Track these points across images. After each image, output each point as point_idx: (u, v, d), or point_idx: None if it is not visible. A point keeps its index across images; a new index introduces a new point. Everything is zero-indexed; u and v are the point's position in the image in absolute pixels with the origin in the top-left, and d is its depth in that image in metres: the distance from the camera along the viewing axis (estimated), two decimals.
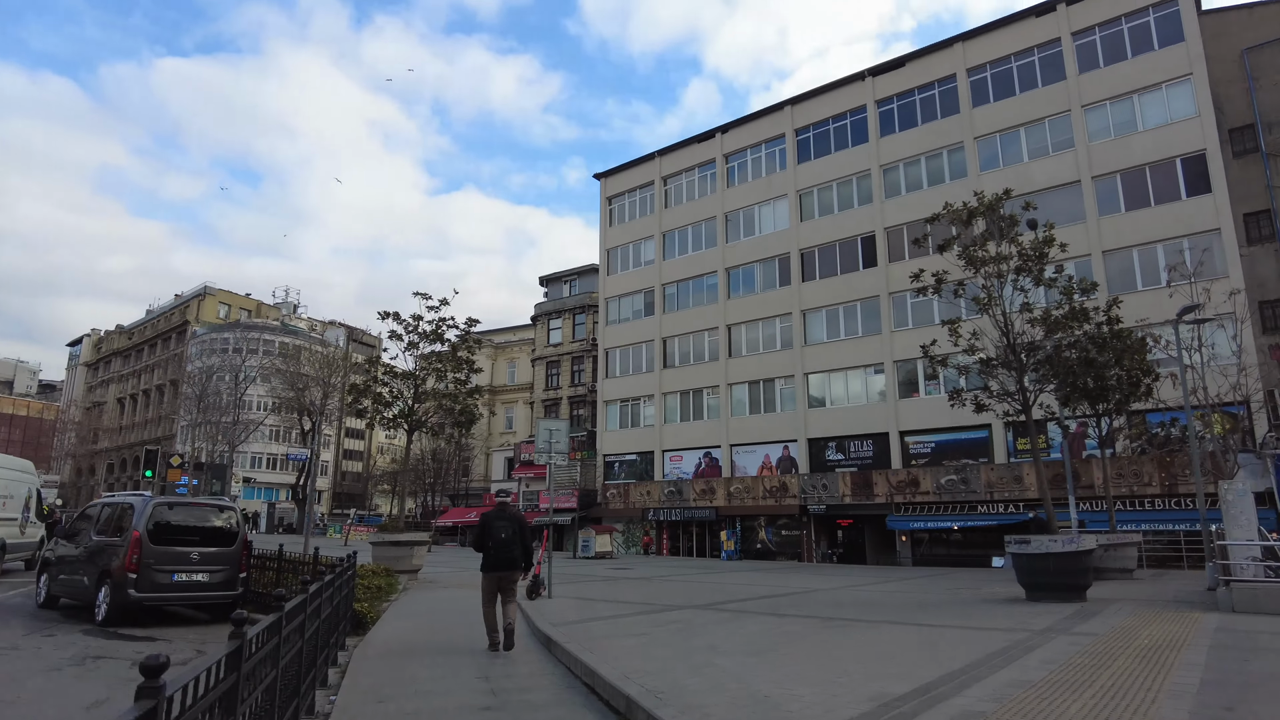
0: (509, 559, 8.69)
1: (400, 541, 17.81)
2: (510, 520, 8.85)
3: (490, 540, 8.72)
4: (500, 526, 8.73)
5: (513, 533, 8.77)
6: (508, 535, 8.72)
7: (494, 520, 8.81)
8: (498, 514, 8.90)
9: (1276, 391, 27.72)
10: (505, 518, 8.85)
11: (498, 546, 8.68)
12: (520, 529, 8.90)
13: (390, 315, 18.76)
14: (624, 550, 40.91)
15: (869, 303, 36.15)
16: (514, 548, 8.73)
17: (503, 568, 8.70)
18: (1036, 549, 12.41)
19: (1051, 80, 33.11)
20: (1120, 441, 28.39)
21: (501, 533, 8.70)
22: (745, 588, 16.41)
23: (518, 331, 66.31)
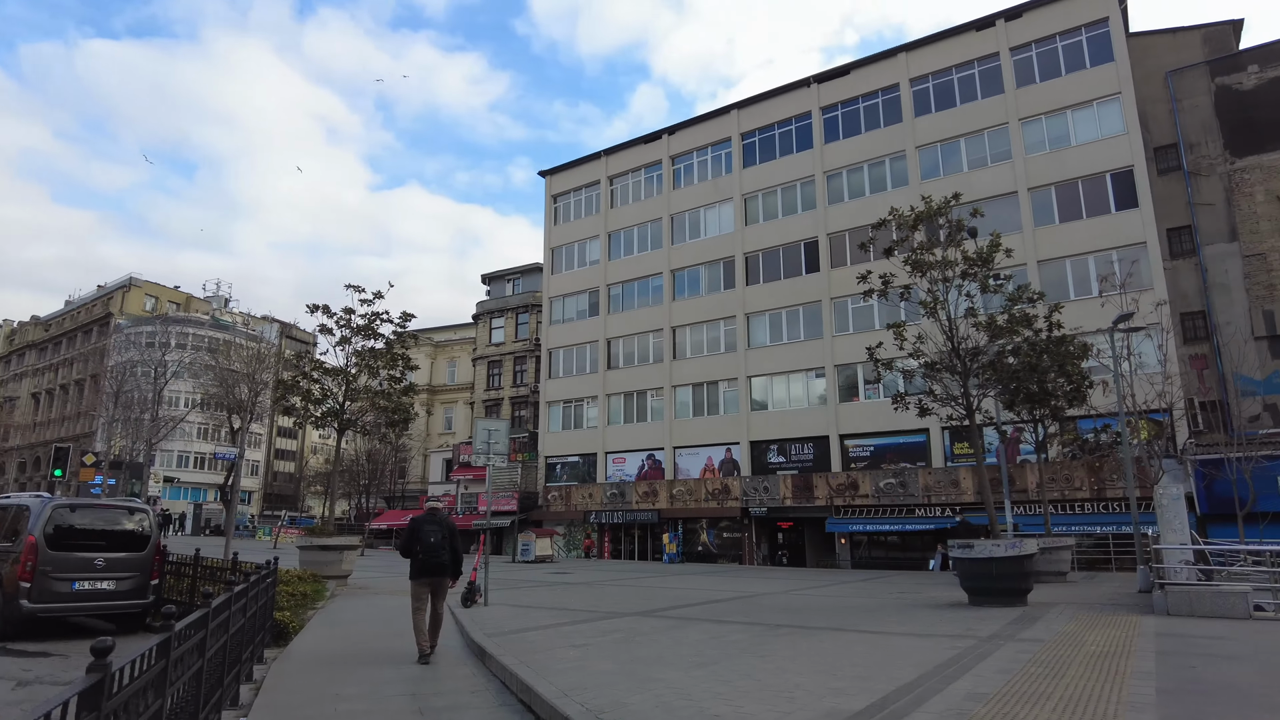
0: (438, 564, 8.53)
1: (329, 546, 16.98)
2: (440, 525, 8.70)
3: (419, 545, 8.53)
4: (430, 531, 8.58)
5: (442, 538, 8.61)
6: (437, 540, 8.55)
7: (423, 525, 8.66)
8: (428, 518, 8.76)
9: (1196, 400, 28.86)
10: (435, 522, 8.71)
11: (426, 551, 8.50)
12: (450, 534, 8.75)
13: (320, 308, 17.91)
14: (565, 554, 40.34)
15: (811, 307, 36.41)
16: (443, 553, 8.57)
17: (432, 573, 8.53)
18: (980, 553, 12.42)
19: (991, 93, 33.88)
20: (1054, 447, 29.14)
21: (431, 537, 8.54)
22: (688, 592, 16.12)
23: (459, 330, 65.03)
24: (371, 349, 18.12)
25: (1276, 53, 29.65)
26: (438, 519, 8.82)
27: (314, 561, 16.93)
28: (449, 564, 8.67)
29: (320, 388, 17.77)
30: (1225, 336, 28.27)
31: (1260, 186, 29.03)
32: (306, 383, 17.75)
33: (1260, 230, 28.71)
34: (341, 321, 18.24)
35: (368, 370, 18.03)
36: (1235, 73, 30.18)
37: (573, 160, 47.04)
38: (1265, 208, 28.82)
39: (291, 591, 12.62)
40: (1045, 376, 13.67)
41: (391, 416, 17.97)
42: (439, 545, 8.57)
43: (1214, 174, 29.71)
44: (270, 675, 7.77)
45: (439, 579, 8.62)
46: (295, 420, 18.11)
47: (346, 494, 57.35)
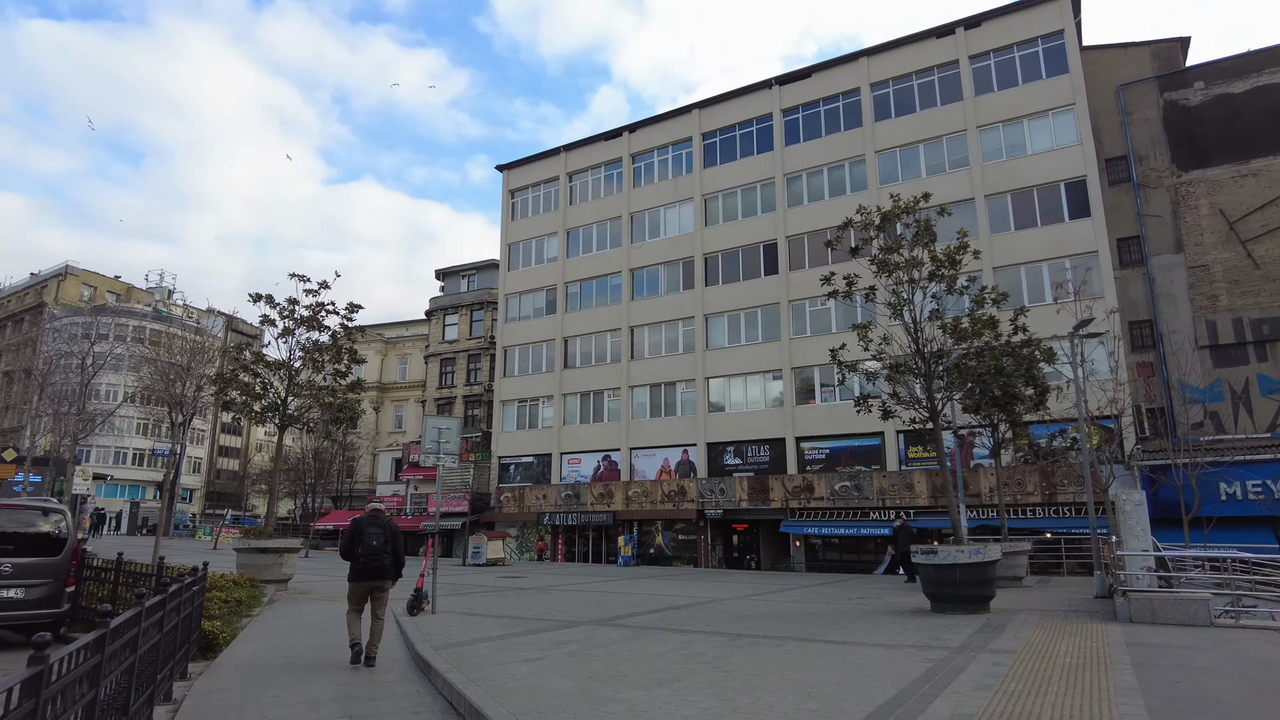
0: (379, 567, 8.41)
1: (268, 549, 16.09)
2: (383, 527, 8.57)
3: (360, 547, 8.40)
4: (372, 533, 8.45)
5: (385, 540, 8.48)
6: (379, 543, 8.42)
7: (365, 526, 8.51)
8: (370, 520, 8.61)
9: (1143, 407, 29.44)
10: (377, 524, 8.57)
11: (368, 554, 8.36)
12: (393, 537, 8.63)
13: (262, 298, 16.97)
14: (517, 556, 39.57)
15: (769, 309, 36.30)
16: (385, 556, 8.43)
17: (372, 576, 8.42)
18: (944, 559, 12.20)
19: (950, 100, 34.18)
20: (1007, 452, 29.44)
21: (373, 539, 8.41)
22: (645, 598, 15.65)
23: (411, 327, 63.66)
24: (316, 342, 17.27)
25: (1221, 70, 30.45)
26: (380, 521, 8.63)
27: (251, 565, 16.06)
28: (390, 567, 8.52)
29: (261, 382, 16.83)
30: (1171, 345, 28.90)
31: (1205, 200, 29.76)
32: (247, 376, 16.79)
33: (1204, 243, 29.43)
34: (285, 312, 17.34)
35: (312, 364, 17.16)
36: (1182, 88, 30.90)
37: (532, 155, 46.29)
38: (1209, 221, 29.55)
39: (225, 598, 11.83)
40: (1010, 381, 13.55)
41: (336, 413, 17.12)
42: (381, 548, 8.40)
43: (1161, 186, 30.38)
44: (193, 694, 7.09)
45: (379, 581, 8.47)
46: (234, 415, 17.15)
47: (292, 493, 55.61)
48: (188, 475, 76.05)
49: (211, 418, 76.81)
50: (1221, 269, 29.12)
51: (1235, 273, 28.88)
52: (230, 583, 13.55)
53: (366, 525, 8.53)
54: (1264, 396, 27.82)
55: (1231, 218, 29.17)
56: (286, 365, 16.81)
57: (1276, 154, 28.93)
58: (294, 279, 17.14)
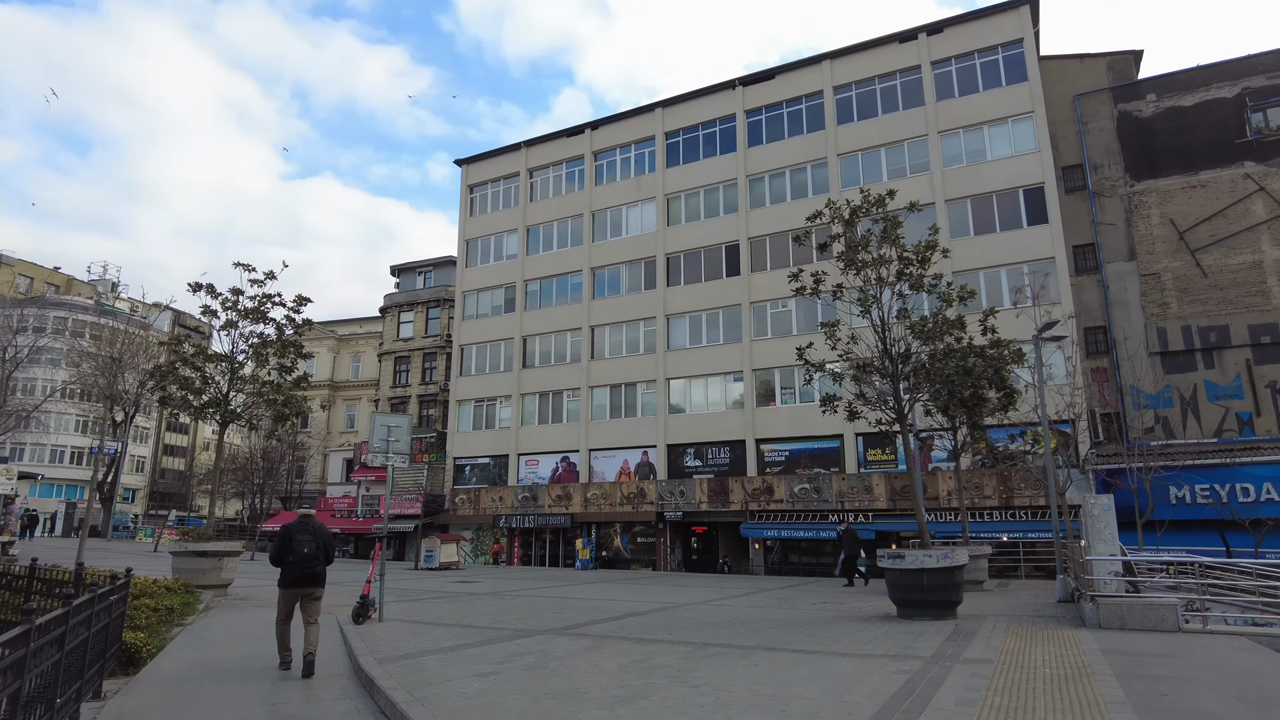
0: (310, 574, 8.27)
1: (206, 552, 15.18)
2: (313, 534, 8.41)
3: (290, 554, 8.25)
4: (303, 540, 8.30)
5: (316, 547, 8.35)
6: (310, 549, 8.28)
7: (295, 533, 8.36)
8: (300, 526, 8.46)
9: (1097, 412, 29.87)
10: (308, 530, 8.41)
11: (299, 561, 8.22)
12: (324, 544, 8.49)
13: (203, 288, 16.00)
14: (472, 560, 38.69)
15: (731, 311, 36.07)
16: (316, 563, 8.31)
17: (303, 584, 8.25)
18: (911, 564, 11.92)
19: (912, 105, 34.34)
20: (967, 455, 29.62)
21: (304, 546, 8.27)
22: (604, 604, 15.13)
23: (365, 324, 62.16)
24: (261, 335, 16.38)
25: (1172, 84, 31.09)
26: (310, 527, 8.48)
27: (188, 569, 15.14)
28: (322, 574, 8.41)
29: (201, 375, 15.87)
30: (1124, 351, 29.37)
31: (1156, 210, 30.33)
32: (187, 370, 15.80)
33: (1155, 251, 29.98)
34: (228, 303, 16.41)
35: (256, 358, 16.26)
36: (1135, 100, 31.48)
37: (492, 150, 45.43)
38: (1160, 230, 30.12)
39: (154, 606, 11.00)
40: (978, 382, 13.37)
41: (281, 410, 16.25)
42: (312, 555, 8.27)
43: (1115, 195, 30.90)
44: (104, 716, 6.38)
45: (310, 589, 8.30)
46: (171, 411, 16.17)
47: (240, 493, 53.78)
48: (130, 475, 73.23)
49: (156, 416, 74.16)
50: (1172, 277, 29.69)
51: (1184, 281, 29.47)
52: (163, 589, 12.69)
53: (297, 532, 8.34)
54: (1210, 402, 28.41)
55: (1181, 227, 29.77)
56: (229, 359, 15.89)
57: (1223, 166, 29.61)
58: (239, 268, 16.27)
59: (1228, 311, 28.63)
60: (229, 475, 55.23)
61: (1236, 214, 29.25)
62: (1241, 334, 28.23)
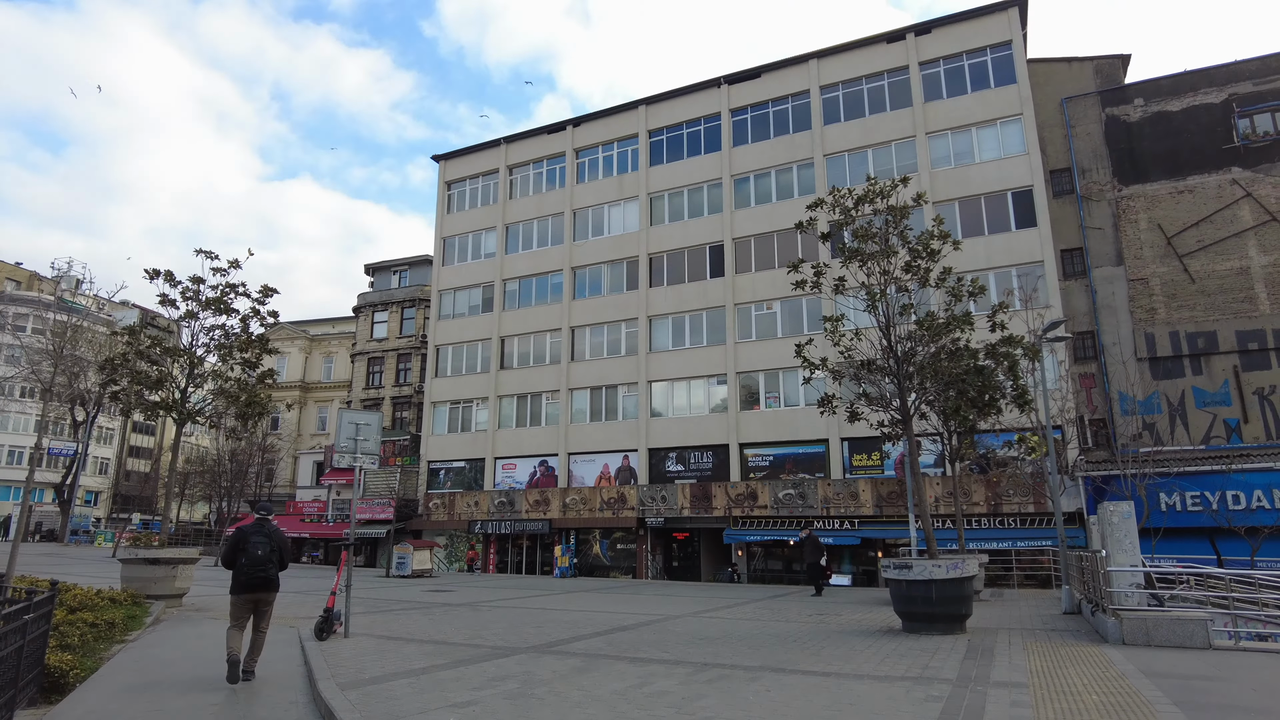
0: (264, 579, 8.09)
1: (159, 559, 14.08)
2: (268, 536, 8.22)
3: (243, 557, 8.04)
4: (256, 543, 8.09)
5: (270, 550, 8.15)
6: (264, 552, 8.08)
7: (249, 535, 8.14)
8: (254, 529, 8.24)
9: (1085, 417, 29.52)
10: (263, 533, 8.21)
11: (251, 564, 8.01)
12: (279, 548, 8.30)
13: (161, 274, 14.90)
14: (446, 567, 37.53)
15: (715, 313, 35.35)
16: (270, 567, 8.11)
17: (255, 588, 8.05)
18: (919, 574, 11.17)
19: (899, 105, 33.90)
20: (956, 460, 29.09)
21: (258, 549, 8.06)
22: (589, 616, 14.24)
23: (338, 324, 60.71)
24: (224, 327, 15.30)
25: (1160, 89, 30.91)
26: (265, 530, 8.26)
27: (138, 578, 14.03)
28: (275, 578, 8.24)
29: (158, 369, 14.74)
30: (1112, 357, 29.04)
31: (1144, 214, 30.07)
32: (140, 361, 14.66)
33: (1144, 256, 29.71)
34: (188, 293, 15.31)
35: (218, 352, 15.18)
36: (1123, 104, 31.25)
37: (470, 146, 44.39)
38: (1148, 235, 29.86)
39: (93, 621, 9.93)
40: (989, 381, 12.69)
41: (244, 409, 15.18)
42: (265, 558, 8.07)
43: (1103, 200, 30.62)
44: None
45: (263, 594, 8.15)
46: (121, 408, 15.02)
47: (207, 497, 52.15)
48: (94, 477, 71.08)
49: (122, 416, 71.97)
50: (1159, 283, 29.42)
51: (1172, 286, 29.21)
52: (106, 601, 11.61)
53: (251, 534, 8.13)
54: (1199, 409, 28.12)
55: (1169, 233, 29.53)
56: (188, 353, 14.80)
57: (1210, 172, 29.43)
58: (200, 255, 15.16)
59: (1215, 318, 28.39)
60: (197, 478, 53.59)
61: (1224, 220, 29.06)
62: (1229, 340, 27.99)
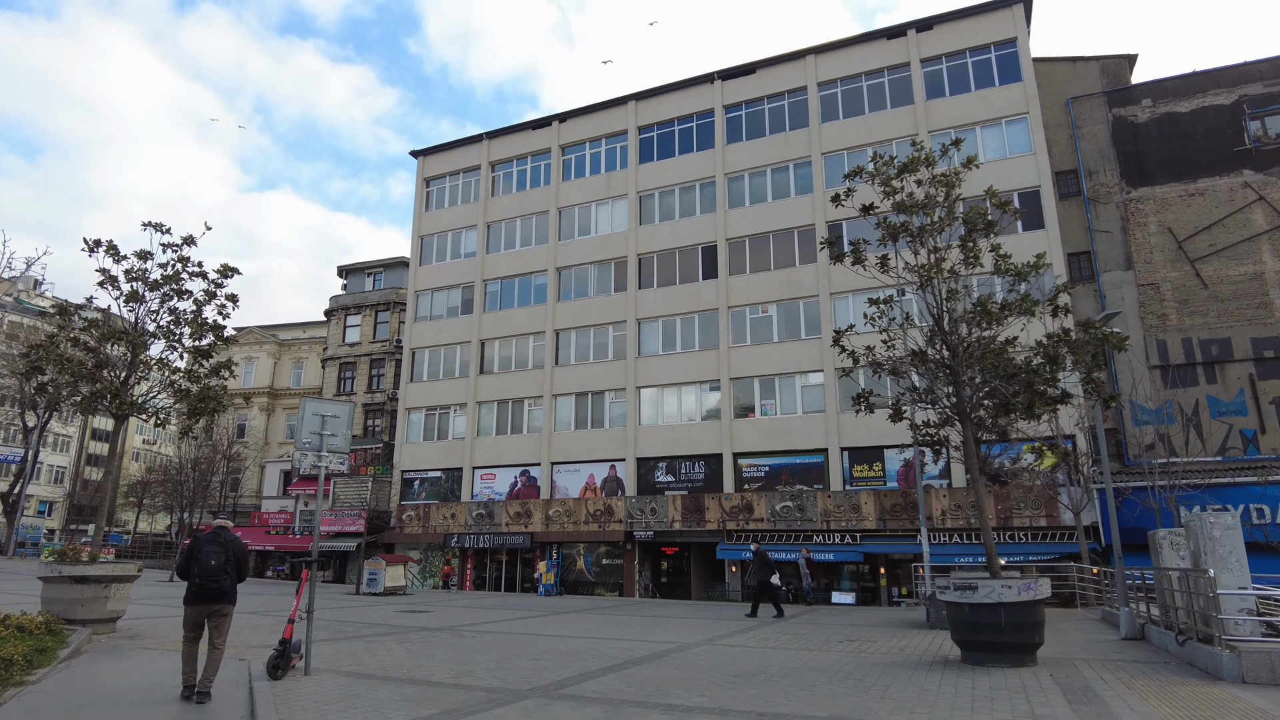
0: (217, 589, 7.73)
1: (87, 577, 12.04)
2: (223, 546, 7.86)
3: (196, 567, 7.72)
4: (211, 552, 7.75)
5: (225, 560, 7.79)
6: (218, 562, 7.73)
7: (204, 545, 7.80)
8: (210, 538, 7.86)
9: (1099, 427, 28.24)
10: (217, 542, 7.84)
11: (204, 575, 7.68)
12: (235, 557, 7.95)
13: (102, 246, 12.90)
14: (420, 583, 35.35)
15: (707, 316, 33.77)
16: (224, 577, 7.77)
17: (209, 599, 7.73)
18: (986, 597, 9.53)
19: (900, 103, 32.71)
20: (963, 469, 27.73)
21: (211, 559, 7.72)
22: (592, 645, 12.43)
23: (308, 329, 58.34)
24: (173, 310, 13.33)
25: (1167, 90, 30.01)
26: (221, 539, 7.89)
27: (61, 600, 11.99)
28: (230, 589, 7.87)
29: (93, 357, 12.72)
30: (1122, 365, 27.86)
31: (1153, 218, 29.04)
32: (70, 346, 12.63)
33: (1154, 260, 28.65)
34: (134, 272, 13.34)
35: (165, 338, 13.20)
36: (1130, 105, 30.31)
37: (451, 141, 42.57)
38: (1158, 239, 28.82)
39: None
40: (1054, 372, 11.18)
41: (194, 403, 13.22)
42: (219, 569, 7.71)
43: (1111, 202, 29.57)
44: None
45: (217, 606, 7.78)
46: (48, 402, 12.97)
47: (168, 507, 49.38)
48: (47, 486, 67.75)
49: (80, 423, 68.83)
50: (1171, 288, 28.35)
51: (1184, 292, 28.15)
52: (12, 630, 9.62)
53: (205, 543, 7.78)
54: (1214, 419, 26.99)
55: (1179, 236, 28.51)
56: (131, 335, 12.79)
57: (1222, 174, 28.51)
58: (149, 229, 13.22)
59: (1229, 324, 27.33)
60: (158, 487, 50.81)
61: (1236, 224, 28.08)
62: (1244, 347, 26.92)
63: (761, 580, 20.01)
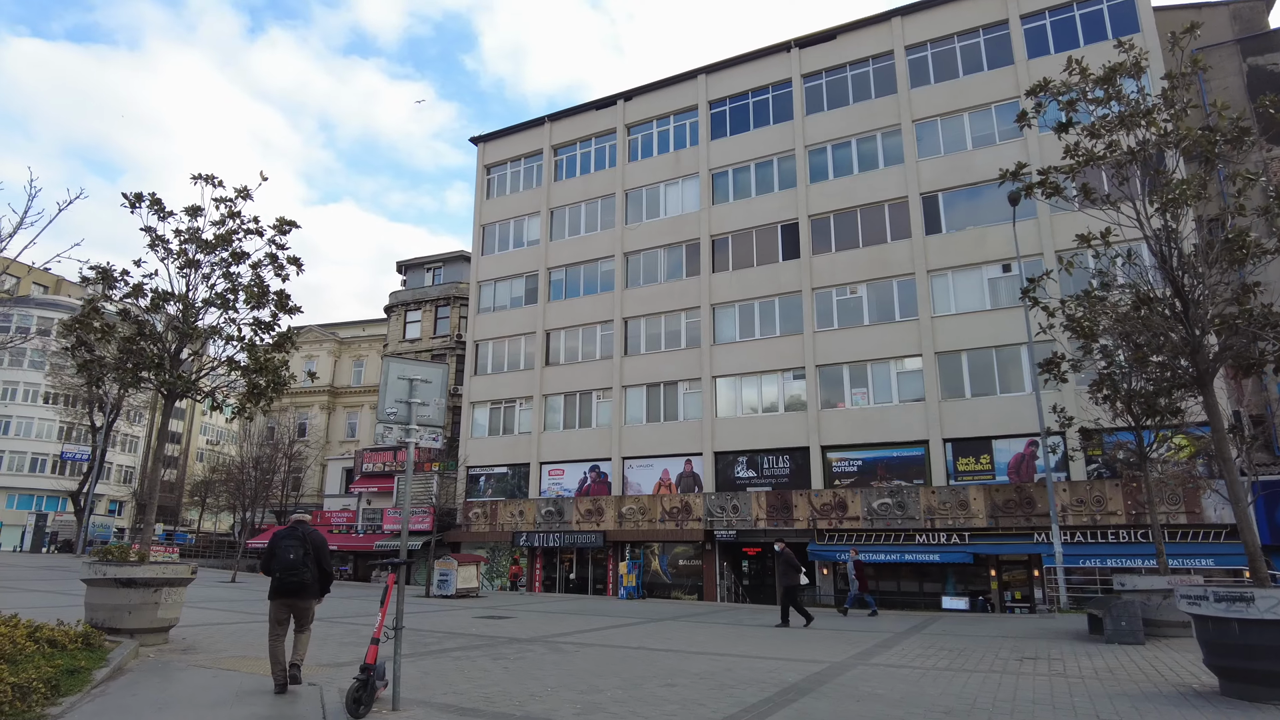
0: (297, 583, 7.60)
1: (134, 580, 10.45)
2: (301, 539, 7.66)
3: (276, 562, 7.59)
4: (289, 546, 7.61)
5: (304, 554, 7.61)
6: (296, 556, 7.57)
7: (282, 540, 7.67)
8: (288, 533, 7.73)
9: (1244, 414, 25.16)
10: (296, 536, 7.67)
11: (284, 569, 7.55)
12: (316, 551, 7.69)
13: (144, 201, 11.36)
14: (488, 584, 33.78)
15: (789, 299, 31.44)
16: (304, 570, 7.59)
17: (289, 593, 7.63)
18: (1267, 612, 7.18)
19: (999, 64, 29.92)
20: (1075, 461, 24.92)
21: (290, 553, 7.57)
22: (719, 663, 10.40)
23: (368, 326, 57.77)
24: (228, 273, 11.73)
25: None
26: (299, 533, 7.72)
27: (105, 605, 10.40)
28: (311, 582, 7.70)
29: (136, 327, 11.17)
30: None
31: None
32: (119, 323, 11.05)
33: None
34: (184, 234, 11.78)
35: (219, 304, 11.59)
36: (1269, 53, 27.08)
37: (511, 126, 41.04)
38: None
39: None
40: None
41: (255, 381, 11.58)
42: (298, 562, 7.58)
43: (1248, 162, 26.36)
44: None
45: (297, 599, 7.71)
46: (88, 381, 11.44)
47: (232, 507, 49.05)
48: (117, 486, 68.69)
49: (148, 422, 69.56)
50: None
51: None
52: (43, 644, 7.97)
53: (284, 538, 7.74)
54: None
55: None
56: (182, 299, 11.18)
57: None
58: (198, 182, 11.64)
59: None
60: (221, 487, 50.61)
61: None
62: None
63: (790, 583, 17.50)
